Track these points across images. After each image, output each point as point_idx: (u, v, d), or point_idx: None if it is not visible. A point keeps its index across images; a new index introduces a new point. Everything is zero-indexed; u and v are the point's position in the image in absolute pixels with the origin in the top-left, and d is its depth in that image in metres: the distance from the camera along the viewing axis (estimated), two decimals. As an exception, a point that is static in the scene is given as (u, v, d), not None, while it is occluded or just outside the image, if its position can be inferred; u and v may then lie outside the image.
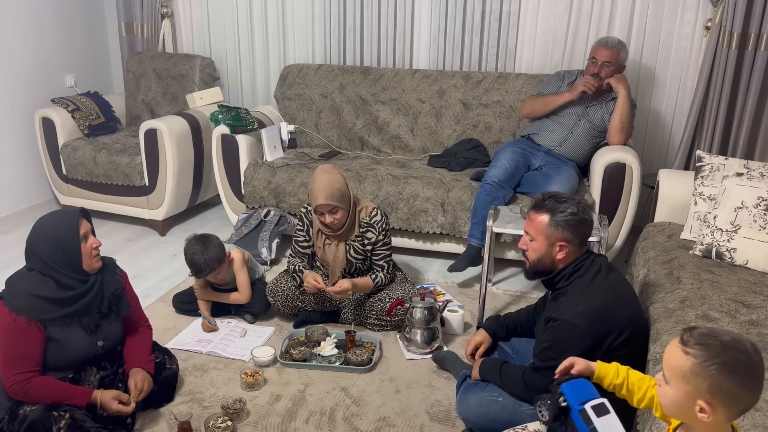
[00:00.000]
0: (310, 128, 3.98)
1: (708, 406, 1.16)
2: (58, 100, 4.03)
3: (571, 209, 1.94)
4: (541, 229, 1.97)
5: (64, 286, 1.98)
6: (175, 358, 2.37)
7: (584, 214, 1.96)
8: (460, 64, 3.92)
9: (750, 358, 1.16)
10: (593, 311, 1.85)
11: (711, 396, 1.15)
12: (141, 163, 3.74)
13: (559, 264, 1.98)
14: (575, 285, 1.95)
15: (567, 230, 1.94)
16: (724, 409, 1.16)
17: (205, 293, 2.82)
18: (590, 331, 1.83)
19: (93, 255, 2.03)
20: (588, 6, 3.61)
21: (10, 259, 3.47)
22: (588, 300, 1.88)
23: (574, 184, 3.14)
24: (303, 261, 2.80)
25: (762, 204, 2.43)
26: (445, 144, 3.76)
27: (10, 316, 1.91)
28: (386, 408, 2.28)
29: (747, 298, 2.16)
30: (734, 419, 1.20)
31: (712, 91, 3.39)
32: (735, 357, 1.15)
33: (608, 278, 1.95)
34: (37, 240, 1.99)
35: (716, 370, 1.14)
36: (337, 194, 2.57)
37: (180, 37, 4.44)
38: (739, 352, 1.16)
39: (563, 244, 1.95)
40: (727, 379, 1.14)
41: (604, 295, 1.90)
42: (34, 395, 1.93)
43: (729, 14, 3.24)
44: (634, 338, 1.92)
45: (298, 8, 4.12)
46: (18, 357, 1.92)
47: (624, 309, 1.91)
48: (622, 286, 1.99)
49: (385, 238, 2.73)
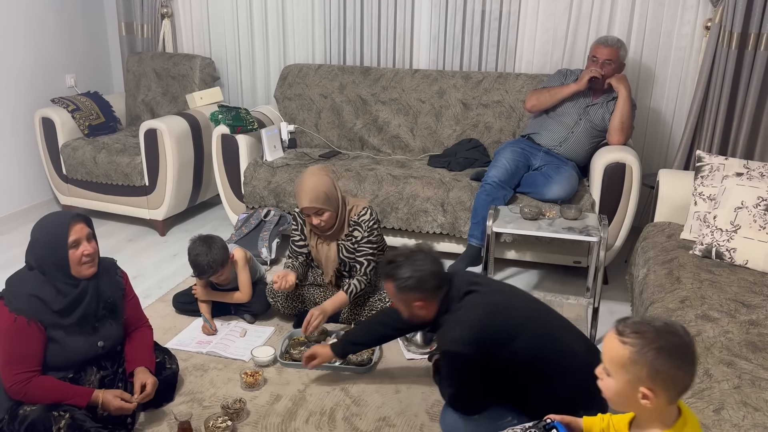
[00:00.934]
0: (310, 128, 3.98)
1: (650, 392, 1.20)
2: (58, 100, 4.03)
3: (407, 273, 1.90)
4: (394, 295, 1.96)
5: (57, 289, 1.98)
6: (175, 358, 2.37)
7: (422, 271, 1.91)
8: (460, 64, 3.92)
9: (683, 341, 1.21)
10: (469, 330, 1.85)
11: (651, 381, 1.20)
12: (141, 163, 3.74)
13: (430, 314, 1.97)
14: (448, 316, 1.94)
15: (414, 292, 1.91)
16: (665, 393, 1.21)
17: (206, 293, 2.82)
18: (473, 350, 1.84)
19: (82, 262, 2.00)
20: (588, 6, 3.61)
21: (10, 259, 3.47)
22: (462, 323, 1.88)
23: (574, 184, 3.14)
24: (298, 260, 2.80)
25: (762, 204, 2.43)
26: (445, 144, 3.76)
27: (10, 316, 1.91)
28: (386, 408, 2.28)
29: (747, 298, 2.16)
30: (674, 401, 1.25)
31: (712, 91, 3.39)
32: (670, 340, 1.20)
33: (480, 296, 1.94)
34: (32, 239, 2.01)
35: (653, 355, 1.19)
36: (322, 197, 2.57)
37: (180, 37, 4.44)
38: (673, 336, 1.21)
39: (419, 304, 1.94)
40: (664, 363, 1.19)
41: (477, 311, 1.90)
42: (35, 395, 1.93)
43: (729, 14, 3.24)
44: (536, 341, 1.89)
45: (298, 8, 4.12)
46: (18, 357, 1.92)
47: (506, 315, 1.90)
48: (499, 295, 1.99)
49: (370, 236, 2.70)
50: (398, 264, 1.93)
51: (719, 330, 1.96)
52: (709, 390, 1.68)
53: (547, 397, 1.84)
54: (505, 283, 2.33)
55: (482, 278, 2.10)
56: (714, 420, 1.57)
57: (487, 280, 2.10)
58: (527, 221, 2.74)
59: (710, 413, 1.59)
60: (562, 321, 2.03)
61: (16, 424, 1.91)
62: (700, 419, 1.57)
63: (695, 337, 1.94)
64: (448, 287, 1.96)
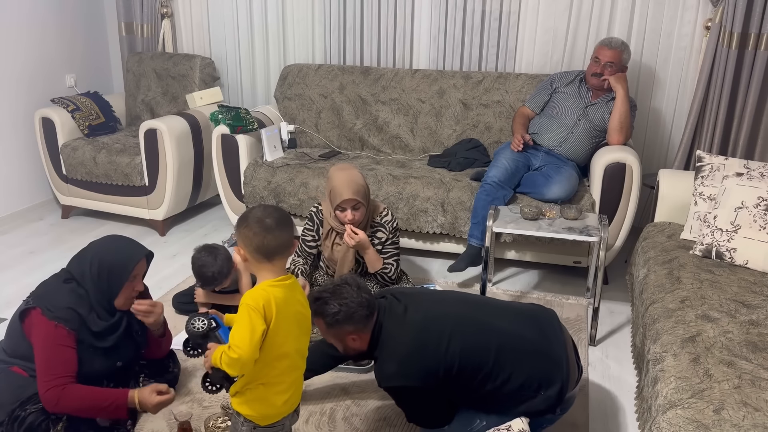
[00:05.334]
0: (310, 128, 3.98)
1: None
2: (58, 100, 4.02)
3: (334, 308, 1.88)
4: (326, 331, 1.95)
5: (94, 310, 1.97)
6: (178, 363, 2.38)
7: (349, 304, 1.88)
8: (460, 64, 3.92)
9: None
10: (404, 362, 1.87)
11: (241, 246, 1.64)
12: (141, 163, 3.74)
13: (364, 345, 1.97)
14: (380, 348, 1.94)
15: (344, 325, 1.90)
16: (247, 251, 1.63)
17: (207, 297, 2.82)
18: (414, 380, 1.86)
19: (130, 296, 2.02)
20: (588, 6, 3.61)
21: (10, 259, 3.48)
22: (394, 356, 1.89)
23: (574, 184, 3.13)
24: (308, 262, 2.80)
25: (762, 204, 2.43)
26: (445, 144, 3.76)
27: (50, 323, 1.90)
28: (386, 408, 2.28)
29: (747, 298, 2.16)
30: (258, 257, 1.62)
31: (712, 91, 3.39)
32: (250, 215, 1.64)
33: (406, 316, 1.94)
34: (91, 254, 1.99)
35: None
36: (362, 190, 2.58)
37: (180, 37, 4.44)
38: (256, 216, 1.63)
39: (352, 337, 1.93)
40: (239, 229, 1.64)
41: (404, 338, 1.90)
42: (69, 402, 1.89)
43: (729, 14, 3.24)
44: (470, 341, 1.89)
45: (298, 8, 4.12)
46: (57, 362, 1.90)
47: (435, 329, 1.90)
48: (423, 308, 1.98)
49: (393, 237, 2.74)
50: (324, 300, 1.90)
51: (719, 330, 1.96)
52: (709, 390, 1.68)
53: (505, 390, 1.87)
54: (428, 290, 2.32)
55: (406, 292, 2.08)
56: (714, 420, 1.57)
57: (410, 293, 2.08)
58: (527, 221, 2.74)
59: (710, 413, 1.59)
60: (496, 311, 2.03)
61: (16, 426, 1.90)
62: (701, 419, 1.57)
63: (695, 336, 1.94)
64: (377, 314, 1.95)
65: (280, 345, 1.64)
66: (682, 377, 1.75)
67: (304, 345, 1.74)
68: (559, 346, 1.94)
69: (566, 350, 1.95)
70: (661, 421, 1.62)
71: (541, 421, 1.94)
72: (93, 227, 3.97)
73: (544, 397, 1.87)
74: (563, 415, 1.97)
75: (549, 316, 2.06)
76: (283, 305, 1.62)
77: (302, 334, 1.73)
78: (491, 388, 1.87)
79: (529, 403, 1.88)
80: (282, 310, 1.62)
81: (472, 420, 1.95)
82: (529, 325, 1.98)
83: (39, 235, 3.85)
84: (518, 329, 1.95)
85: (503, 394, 1.88)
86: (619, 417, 2.28)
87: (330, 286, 1.94)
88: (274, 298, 1.61)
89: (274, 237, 1.61)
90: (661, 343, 1.97)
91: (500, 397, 1.88)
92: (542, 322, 2.01)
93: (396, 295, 2.03)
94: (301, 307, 1.72)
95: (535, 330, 1.97)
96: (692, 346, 1.89)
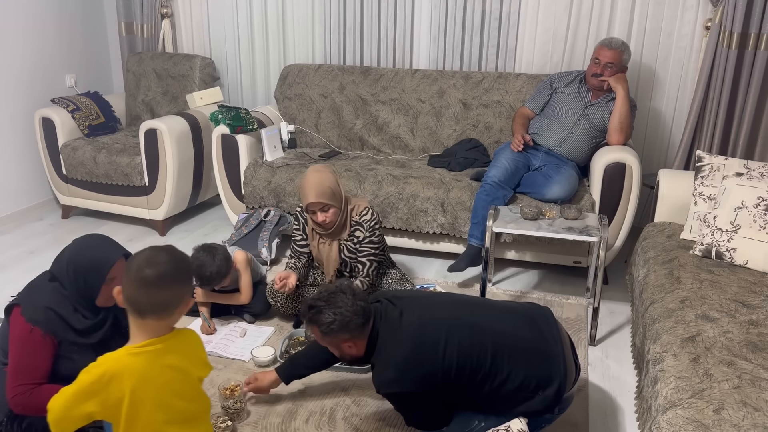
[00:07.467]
0: (310, 128, 3.98)
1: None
2: (58, 100, 4.03)
3: (329, 317, 1.87)
4: (321, 339, 1.95)
5: (77, 309, 1.95)
6: None
7: (344, 312, 1.87)
8: (460, 64, 3.92)
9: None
10: (400, 368, 1.87)
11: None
12: (141, 163, 3.74)
13: (360, 351, 1.97)
14: (377, 354, 1.94)
15: (340, 333, 1.90)
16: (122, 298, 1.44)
17: (207, 296, 2.82)
18: (411, 385, 1.86)
19: (111, 295, 1.95)
20: (588, 6, 3.61)
21: (10, 259, 3.48)
22: (390, 361, 1.90)
23: (574, 184, 3.13)
24: (300, 261, 2.80)
25: (762, 204, 2.43)
26: (445, 144, 3.76)
27: (26, 326, 1.87)
28: (386, 408, 2.27)
29: (747, 298, 2.16)
30: (129, 309, 1.44)
31: (712, 91, 3.39)
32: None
33: (400, 320, 1.94)
34: (67, 256, 1.95)
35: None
36: (327, 192, 2.57)
37: (180, 37, 4.44)
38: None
39: (348, 344, 1.94)
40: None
41: (400, 344, 1.90)
42: (37, 404, 1.84)
43: (729, 14, 3.24)
44: (465, 344, 1.89)
45: (298, 8, 4.12)
46: (26, 367, 1.87)
47: (430, 332, 1.90)
48: (417, 312, 1.97)
49: (372, 236, 2.71)
50: (319, 309, 1.89)
51: (719, 330, 1.96)
52: (709, 390, 1.68)
53: (503, 390, 1.87)
54: (423, 292, 2.30)
55: (401, 296, 2.07)
56: (714, 420, 1.57)
57: (406, 296, 2.07)
58: (527, 221, 2.74)
59: (710, 413, 1.59)
60: (492, 311, 2.03)
61: (15, 426, 1.90)
62: (700, 419, 1.57)
63: (695, 336, 1.94)
64: (374, 320, 1.95)
65: (150, 421, 1.44)
66: (682, 377, 1.75)
67: (191, 409, 1.55)
68: (554, 343, 1.95)
69: (562, 347, 1.95)
70: (661, 421, 1.62)
71: (539, 421, 1.94)
72: (93, 227, 3.97)
73: (542, 398, 1.87)
74: (561, 414, 1.97)
75: (544, 313, 2.06)
76: (142, 379, 1.40)
77: (184, 400, 1.51)
78: (489, 389, 1.87)
79: (527, 403, 1.88)
80: (141, 386, 1.40)
81: (470, 421, 1.95)
82: (524, 323, 1.99)
83: (39, 235, 3.85)
84: (513, 328, 1.96)
85: (501, 395, 1.88)
86: (618, 417, 2.28)
87: (324, 294, 1.92)
88: (129, 372, 1.38)
89: (146, 293, 1.39)
90: (661, 343, 1.97)
91: (498, 398, 1.89)
92: (537, 319, 2.01)
93: (391, 300, 2.03)
94: (176, 372, 1.49)
95: (531, 328, 1.97)
96: (692, 346, 1.89)
